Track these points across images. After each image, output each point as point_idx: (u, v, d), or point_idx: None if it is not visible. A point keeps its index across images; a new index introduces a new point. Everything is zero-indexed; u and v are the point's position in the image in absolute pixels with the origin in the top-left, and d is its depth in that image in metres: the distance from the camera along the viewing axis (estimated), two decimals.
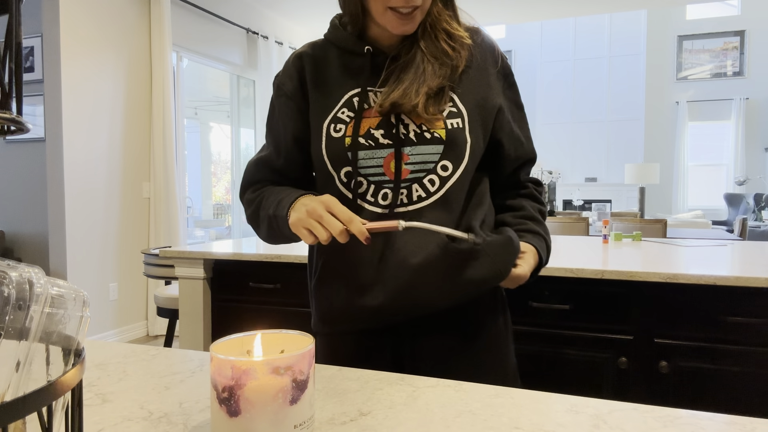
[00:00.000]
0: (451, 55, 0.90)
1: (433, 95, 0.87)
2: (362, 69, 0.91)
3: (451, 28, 0.92)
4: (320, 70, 0.95)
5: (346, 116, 0.89)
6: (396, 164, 0.87)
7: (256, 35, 5.46)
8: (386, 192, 0.88)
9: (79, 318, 0.39)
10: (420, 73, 0.88)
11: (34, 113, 3.79)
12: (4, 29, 0.38)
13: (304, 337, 0.55)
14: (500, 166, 0.98)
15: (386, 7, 0.84)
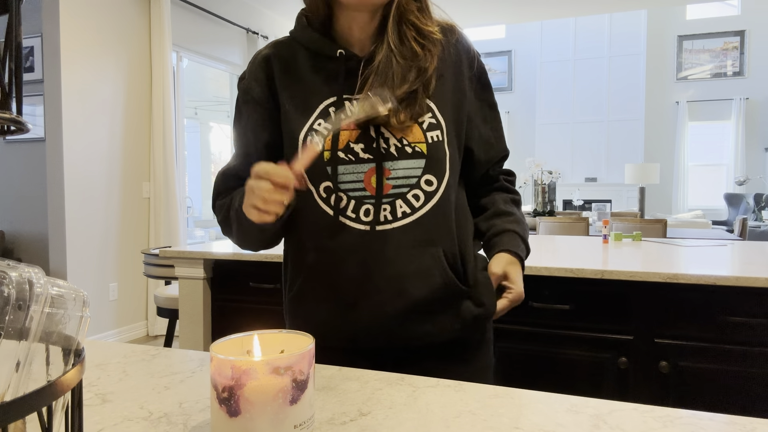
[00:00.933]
0: (420, 55, 0.85)
1: (404, 101, 0.84)
2: (336, 74, 0.87)
3: (420, 23, 0.87)
4: (291, 75, 0.90)
5: (323, 128, 0.83)
6: (377, 179, 0.84)
7: (256, 35, 5.46)
8: (368, 208, 0.85)
9: (79, 318, 0.39)
10: (389, 78, 0.84)
11: (34, 113, 3.79)
12: (4, 29, 0.38)
13: (304, 337, 0.55)
14: (472, 171, 0.97)
15: None
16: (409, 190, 0.85)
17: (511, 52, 10.15)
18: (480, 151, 0.96)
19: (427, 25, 0.88)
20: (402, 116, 0.84)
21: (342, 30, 0.89)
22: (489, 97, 0.98)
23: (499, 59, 10.18)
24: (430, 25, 0.88)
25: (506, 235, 0.94)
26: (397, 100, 0.83)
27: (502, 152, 1.00)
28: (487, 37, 10.17)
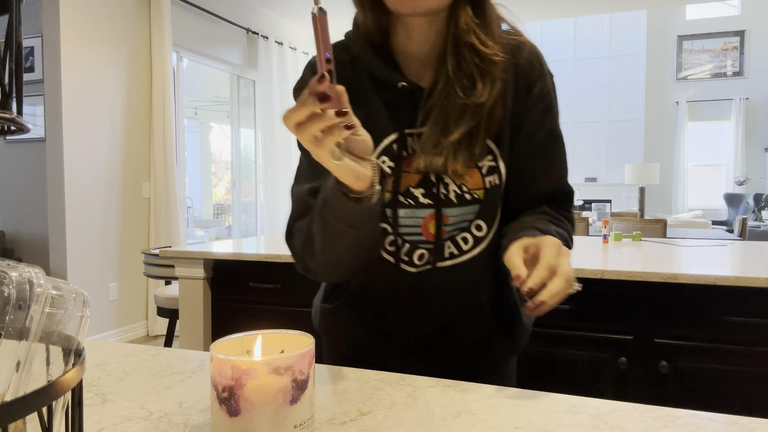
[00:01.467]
0: (477, 90, 0.76)
1: (461, 143, 0.77)
2: (398, 106, 0.80)
3: (481, 44, 0.76)
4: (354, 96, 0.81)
5: (387, 167, 0.80)
6: (436, 226, 0.81)
7: (256, 35, 5.46)
8: (422, 253, 0.83)
9: (79, 318, 0.39)
10: (447, 116, 0.77)
11: (34, 113, 3.79)
12: (4, 29, 0.38)
13: (304, 337, 0.55)
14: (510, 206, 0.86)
15: None
16: (459, 233, 0.83)
17: None
18: (521, 188, 0.84)
19: (488, 46, 0.77)
20: (458, 166, 0.77)
21: (399, 47, 0.82)
22: (549, 125, 0.84)
23: None
24: (491, 46, 0.77)
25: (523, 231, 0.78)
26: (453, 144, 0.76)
27: (553, 188, 0.85)
28: None
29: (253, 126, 5.83)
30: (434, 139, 0.77)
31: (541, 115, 0.82)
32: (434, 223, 0.82)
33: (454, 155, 0.77)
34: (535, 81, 0.82)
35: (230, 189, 5.92)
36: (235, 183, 5.82)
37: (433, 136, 0.77)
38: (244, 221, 5.88)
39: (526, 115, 0.82)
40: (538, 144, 0.83)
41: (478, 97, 0.76)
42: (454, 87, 0.76)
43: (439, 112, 0.77)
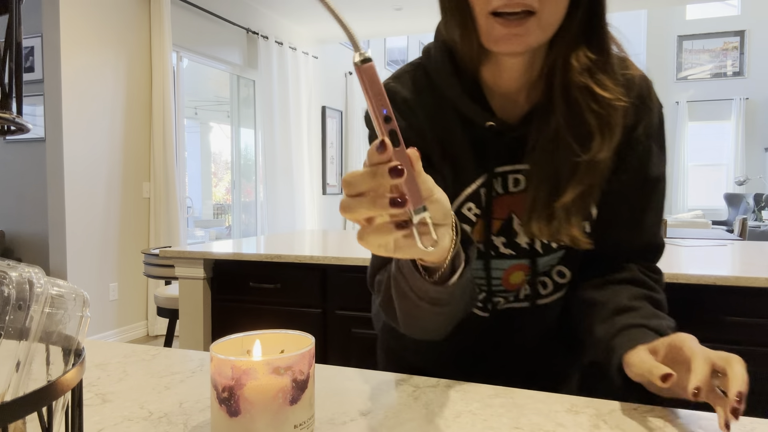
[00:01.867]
0: (595, 143, 0.64)
1: (574, 205, 0.67)
2: (484, 145, 0.70)
3: (598, 86, 0.63)
4: (438, 133, 0.72)
5: (473, 215, 0.71)
6: (516, 277, 0.75)
7: (256, 35, 5.46)
8: (499, 300, 0.77)
9: (79, 318, 0.39)
10: (551, 179, 0.66)
11: (34, 113, 3.79)
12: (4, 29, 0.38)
13: (304, 337, 0.55)
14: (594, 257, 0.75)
15: (488, 12, 0.60)
16: (539, 277, 0.76)
17: None
18: (609, 237, 0.73)
19: (607, 89, 0.64)
20: (575, 232, 0.67)
21: (487, 77, 0.70)
22: (649, 170, 0.72)
23: None
24: (612, 89, 0.64)
25: (633, 332, 0.65)
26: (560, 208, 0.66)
27: (643, 243, 0.75)
28: None
29: (253, 126, 5.83)
30: (543, 201, 0.67)
31: (641, 159, 0.71)
32: (517, 274, 0.74)
33: (568, 219, 0.66)
34: (640, 120, 0.69)
35: (230, 189, 5.92)
36: (235, 183, 5.82)
37: (541, 198, 0.67)
38: (244, 221, 5.88)
39: (626, 157, 0.70)
40: (634, 191, 0.72)
41: (596, 152, 0.64)
42: (566, 139, 0.65)
43: (548, 169, 0.66)
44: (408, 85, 0.72)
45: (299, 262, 1.98)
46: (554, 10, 0.60)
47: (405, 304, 0.63)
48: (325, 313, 2.01)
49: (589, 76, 0.64)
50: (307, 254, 1.98)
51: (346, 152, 7.41)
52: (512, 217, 0.72)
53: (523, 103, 0.71)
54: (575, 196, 0.66)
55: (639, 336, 0.63)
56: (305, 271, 2.02)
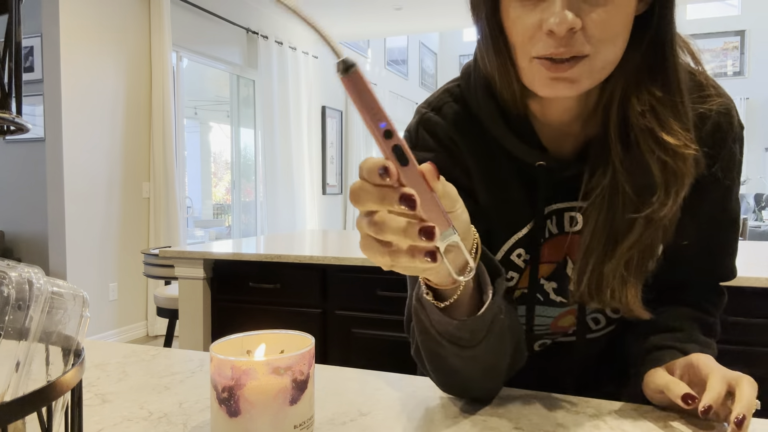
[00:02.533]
0: (657, 197, 0.56)
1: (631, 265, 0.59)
2: (534, 185, 0.63)
3: (663, 130, 0.54)
4: (484, 171, 0.64)
5: (522, 261, 0.65)
6: (565, 321, 0.70)
7: (256, 35, 5.46)
8: (545, 342, 0.72)
9: (79, 318, 0.39)
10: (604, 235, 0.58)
11: (34, 113, 3.79)
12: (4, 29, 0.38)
13: (304, 337, 0.55)
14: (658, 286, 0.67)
15: (531, 57, 0.53)
16: (590, 314, 0.69)
17: None
18: (671, 276, 0.66)
19: (674, 134, 0.55)
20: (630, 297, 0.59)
21: (537, 111, 0.62)
22: (731, 205, 0.65)
23: None
24: (680, 134, 0.55)
25: (662, 353, 0.62)
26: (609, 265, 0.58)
27: (710, 278, 0.69)
28: None
29: (253, 126, 5.83)
30: (595, 260, 0.59)
31: (717, 201, 0.64)
32: (567, 318, 0.68)
33: (623, 285, 0.58)
34: (718, 153, 0.61)
35: (230, 189, 5.92)
36: (234, 183, 5.82)
37: (592, 256, 0.59)
38: (243, 221, 5.88)
39: (698, 196, 0.61)
40: (708, 230, 0.65)
41: (658, 209, 0.56)
42: (624, 186, 0.57)
43: (603, 223, 0.58)
44: (450, 118, 0.65)
45: (299, 262, 1.98)
46: (610, 51, 0.52)
47: (427, 342, 0.56)
48: (325, 313, 2.01)
49: (653, 117, 0.55)
50: (307, 254, 1.98)
51: (346, 152, 7.41)
52: (567, 260, 0.65)
53: (577, 135, 0.63)
54: (630, 257, 0.58)
55: (666, 357, 0.60)
56: (305, 271, 2.02)
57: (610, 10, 0.49)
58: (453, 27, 7.03)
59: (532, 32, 0.51)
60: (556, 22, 0.48)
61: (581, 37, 0.50)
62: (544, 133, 0.63)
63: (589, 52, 0.50)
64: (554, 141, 0.64)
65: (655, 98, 0.55)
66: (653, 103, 0.55)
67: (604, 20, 0.49)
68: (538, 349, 0.74)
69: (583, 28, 0.49)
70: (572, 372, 0.75)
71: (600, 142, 0.59)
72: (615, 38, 0.51)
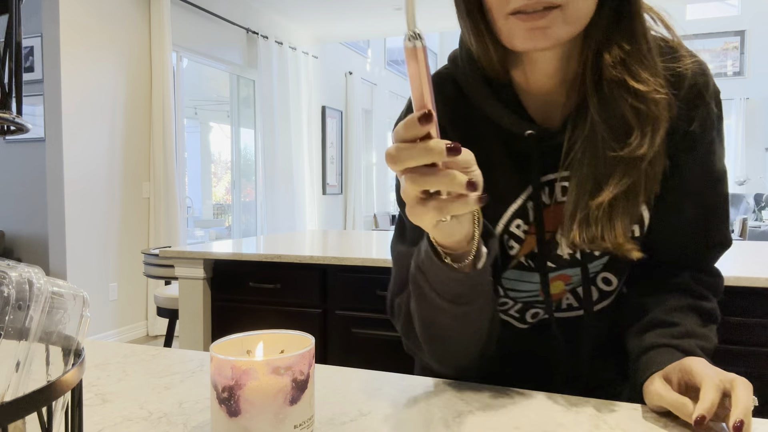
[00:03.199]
0: (632, 138, 0.59)
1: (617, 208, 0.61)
2: (526, 157, 0.65)
3: (633, 79, 0.59)
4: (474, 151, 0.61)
5: (521, 231, 0.67)
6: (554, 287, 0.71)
7: (256, 35, 5.46)
8: (537, 312, 0.73)
9: (79, 318, 0.39)
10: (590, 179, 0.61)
11: (34, 113, 3.79)
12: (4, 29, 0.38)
13: (304, 337, 0.55)
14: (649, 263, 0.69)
15: (507, 13, 0.56)
16: (582, 287, 0.71)
17: None
18: (666, 246, 0.69)
19: (643, 81, 0.59)
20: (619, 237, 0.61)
21: (519, 80, 0.66)
22: (714, 163, 0.67)
23: None
24: (648, 81, 0.59)
25: (658, 353, 0.62)
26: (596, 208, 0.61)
27: (704, 246, 0.69)
28: None
29: (253, 126, 5.83)
30: (583, 204, 0.62)
31: (704, 156, 0.66)
32: (555, 284, 0.70)
33: (610, 223, 0.61)
34: (696, 114, 0.64)
35: (230, 189, 5.92)
36: (235, 183, 5.82)
37: (581, 200, 0.62)
38: (244, 221, 5.88)
39: (683, 156, 0.65)
40: (695, 191, 0.67)
41: (635, 148, 0.59)
42: (603, 135, 0.61)
43: (586, 169, 0.62)
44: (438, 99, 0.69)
45: (299, 262, 1.98)
46: (580, 4, 0.55)
47: (424, 310, 0.61)
48: (325, 313, 2.01)
49: (623, 68, 0.59)
50: (307, 254, 1.98)
51: (346, 152, 7.41)
52: (558, 228, 0.68)
53: (563, 106, 0.66)
54: (614, 195, 0.60)
55: (662, 359, 0.61)
56: (305, 271, 2.02)
57: None
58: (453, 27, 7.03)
59: None
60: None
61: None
62: (531, 104, 0.66)
63: (561, 2, 0.54)
64: (540, 111, 0.66)
65: (623, 51, 0.59)
66: (622, 55, 0.59)
67: None
68: (531, 320, 0.74)
69: None
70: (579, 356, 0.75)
71: (582, 107, 0.62)
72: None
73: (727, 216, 0.70)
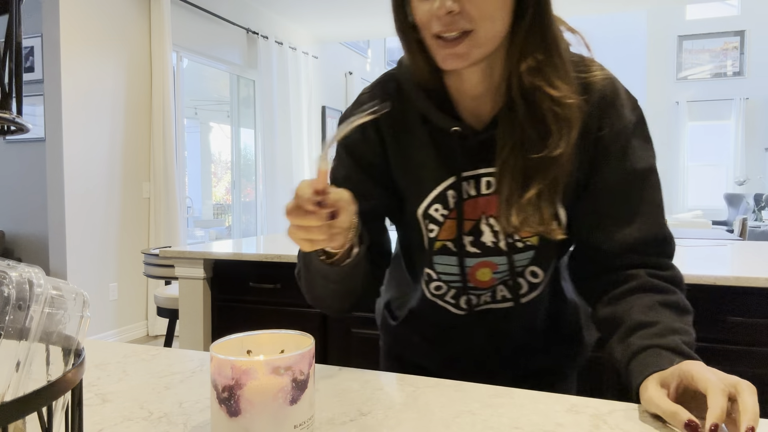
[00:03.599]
0: (552, 140, 0.67)
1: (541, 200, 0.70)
2: (452, 149, 0.74)
3: (549, 85, 0.67)
4: (402, 144, 0.78)
5: (440, 215, 0.77)
6: (482, 274, 0.79)
7: (256, 35, 5.46)
8: (469, 298, 0.81)
9: (79, 318, 0.39)
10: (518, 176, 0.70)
11: (34, 113, 3.79)
12: (4, 29, 0.38)
13: (304, 337, 0.55)
14: (588, 266, 0.78)
15: (432, 34, 0.65)
16: (512, 278, 0.79)
17: None
18: (605, 240, 0.74)
19: (557, 87, 0.67)
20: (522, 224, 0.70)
21: (452, 84, 0.75)
22: (629, 166, 0.72)
23: None
24: (561, 87, 0.67)
25: (647, 355, 0.64)
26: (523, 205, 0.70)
27: (642, 237, 0.73)
28: None
29: (253, 126, 5.83)
30: (516, 196, 0.70)
31: (616, 158, 0.72)
32: (483, 272, 0.79)
33: (538, 210, 0.70)
34: (605, 121, 0.72)
35: (230, 189, 5.92)
36: (235, 183, 5.82)
37: (514, 193, 0.70)
38: (244, 221, 5.88)
39: (598, 159, 0.73)
40: (617, 189, 0.73)
41: (554, 148, 0.67)
42: (529, 137, 0.69)
43: (517, 168, 0.70)
44: (378, 96, 0.78)
45: None
46: (490, 27, 0.64)
47: (306, 280, 0.78)
48: (325, 313, 2.01)
49: (540, 77, 0.67)
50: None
51: None
52: (481, 217, 0.76)
53: (489, 108, 0.74)
54: (539, 190, 0.69)
55: (652, 361, 0.62)
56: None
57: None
58: None
59: (429, 16, 0.64)
60: (437, 6, 0.62)
61: (463, 17, 0.63)
62: (463, 106, 0.75)
63: (472, 28, 0.63)
64: (472, 113, 0.75)
65: (538, 61, 0.67)
66: (538, 65, 0.67)
67: (478, 3, 0.62)
68: (465, 307, 0.82)
69: (463, 9, 0.62)
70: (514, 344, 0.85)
71: (507, 110, 0.71)
72: (493, 15, 0.64)
73: (659, 212, 0.74)
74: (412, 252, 0.85)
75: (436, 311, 0.84)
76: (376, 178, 0.80)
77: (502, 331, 0.84)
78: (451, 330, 0.85)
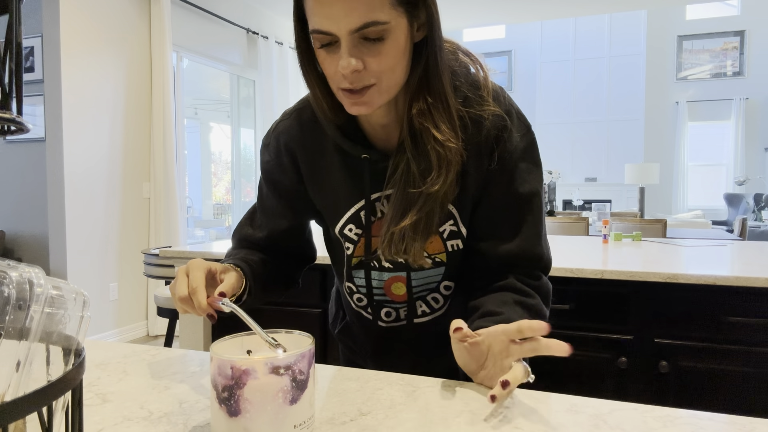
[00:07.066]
0: (432, 177, 0.74)
1: (419, 228, 0.77)
2: (362, 174, 0.81)
3: (435, 128, 0.73)
4: (317, 169, 0.85)
5: (354, 234, 0.84)
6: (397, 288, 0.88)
7: (256, 35, 5.46)
8: (389, 311, 0.90)
9: (79, 318, 0.39)
10: (400, 205, 0.76)
11: (34, 113, 3.79)
12: (4, 29, 0.38)
13: (304, 337, 0.55)
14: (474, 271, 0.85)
15: (338, 87, 0.71)
16: (429, 294, 0.88)
17: (511, 53, 10.14)
18: (487, 253, 0.82)
19: (441, 131, 0.73)
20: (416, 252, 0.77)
21: (362, 118, 0.81)
22: (513, 189, 0.80)
23: (499, 59, 10.18)
24: (445, 132, 0.73)
25: (476, 324, 0.75)
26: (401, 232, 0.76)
27: (516, 254, 0.80)
28: (487, 38, 10.17)
29: (253, 126, 5.83)
30: (393, 225, 0.77)
31: (503, 181, 0.80)
32: (396, 285, 0.87)
33: (413, 240, 0.77)
34: (495, 150, 0.79)
35: (230, 189, 5.92)
36: (235, 183, 5.82)
37: (393, 222, 0.77)
38: None
39: (488, 182, 0.80)
40: (501, 209, 0.81)
41: (432, 185, 0.74)
42: (414, 171, 0.75)
43: (398, 196, 0.77)
44: (294, 124, 0.85)
45: None
46: (391, 77, 0.70)
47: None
48: (325, 313, 2.00)
49: (428, 119, 0.73)
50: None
51: None
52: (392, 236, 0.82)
53: (398, 134, 0.79)
54: (413, 222, 0.75)
55: (479, 324, 0.73)
56: (305, 271, 2.02)
57: (384, 50, 0.67)
58: (453, 28, 7.04)
59: (334, 71, 0.69)
60: (344, 65, 0.66)
61: (366, 73, 0.68)
62: (372, 132, 0.81)
63: (374, 81, 0.69)
64: (381, 138, 0.81)
65: (427, 104, 0.73)
66: (427, 107, 0.73)
67: (380, 60, 0.67)
68: (386, 319, 0.90)
69: (367, 67, 0.67)
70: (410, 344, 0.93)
71: (403, 144, 0.77)
72: (393, 68, 0.69)
73: (537, 232, 0.82)
74: (337, 266, 0.94)
75: (362, 322, 0.93)
76: (293, 201, 0.88)
77: (428, 341, 0.91)
78: (381, 340, 0.93)
